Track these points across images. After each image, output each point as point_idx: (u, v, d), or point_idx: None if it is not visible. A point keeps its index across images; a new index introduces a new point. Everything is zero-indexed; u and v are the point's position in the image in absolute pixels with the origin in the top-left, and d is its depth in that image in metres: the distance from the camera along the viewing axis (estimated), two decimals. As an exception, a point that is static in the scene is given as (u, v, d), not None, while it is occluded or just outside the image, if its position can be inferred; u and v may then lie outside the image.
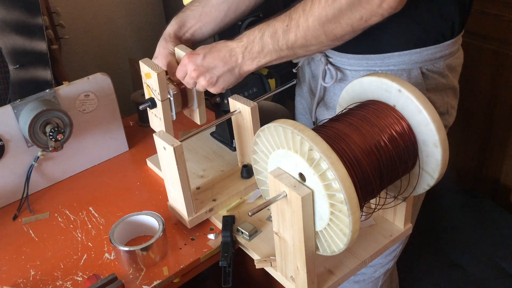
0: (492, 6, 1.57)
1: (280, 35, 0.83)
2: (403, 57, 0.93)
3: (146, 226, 0.95)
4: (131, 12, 1.76)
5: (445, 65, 0.96)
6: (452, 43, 0.95)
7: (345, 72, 1.00)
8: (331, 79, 1.01)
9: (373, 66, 0.96)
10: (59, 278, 0.90)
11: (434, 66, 0.95)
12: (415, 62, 0.94)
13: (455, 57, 0.98)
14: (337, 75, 1.00)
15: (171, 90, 0.98)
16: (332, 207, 0.65)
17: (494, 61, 1.63)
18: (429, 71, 0.95)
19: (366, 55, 0.96)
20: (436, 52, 0.94)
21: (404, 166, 0.75)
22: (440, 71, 0.96)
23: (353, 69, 0.98)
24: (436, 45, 0.93)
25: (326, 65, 1.01)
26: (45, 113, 1.03)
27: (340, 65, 1.00)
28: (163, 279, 0.88)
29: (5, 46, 1.13)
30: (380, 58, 0.95)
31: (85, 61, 1.72)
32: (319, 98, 1.07)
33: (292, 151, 0.68)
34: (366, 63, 0.96)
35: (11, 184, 1.09)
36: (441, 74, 0.96)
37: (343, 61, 0.99)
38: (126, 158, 1.24)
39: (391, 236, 0.89)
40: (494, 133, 1.73)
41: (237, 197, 1.02)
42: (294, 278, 0.79)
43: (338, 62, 1.00)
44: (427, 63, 0.94)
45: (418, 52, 0.93)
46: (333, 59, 1.01)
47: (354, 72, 0.98)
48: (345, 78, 1.00)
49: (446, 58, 0.95)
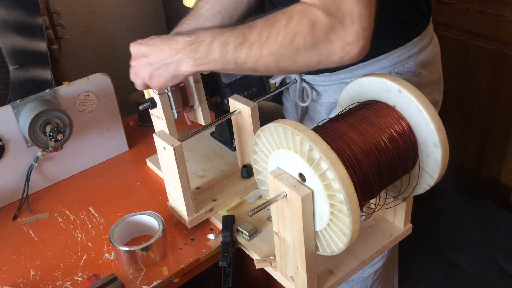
0: (492, 6, 1.57)
1: (230, 49, 0.75)
2: (370, 66, 0.94)
3: (146, 226, 0.95)
4: (131, 12, 1.76)
5: (416, 63, 0.95)
6: (418, 40, 0.94)
7: (318, 90, 1.02)
8: (307, 98, 1.02)
9: (343, 79, 0.98)
10: (59, 278, 0.90)
11: (405, 67, 0.94)
12: (383, 68, 0.94)
13: (426, 51, 0.96)
14: (312, 93, 1.02)
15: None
16: (332, 207, 0.65)
17: (494, 61, 1.63)
18: (399, 73, 0.94)
19: (334, 72, 0.97)
20: (403, 53, 0.93)
21: (404, 166, 0.75)
22: (412, 70, 0.95)
23: (325, 84, 1.01)
24: (401, 47, 0.92)
25: (301, 83, 1.02)
26: (45, 113, 1.03)
27: (313, 83, 1.02)
28: (163, 279, 0.88)
29: (5, 46, 1.13)
30: (349, 71, 0.96)
31: (85, 61, 1.72)
32: (302, 113, 1.09)
33: (292, 151, 0.68)
34: (336, 77, 0.98)
35: (11, 184, 1.09)
36: (413, 74, 0.95)
37: (315, 79, 1.02)
38: (126, 158, 1.24)
39: (391, 236, 0.89)
40: (494, 133, 1.73)
41: (237, 197, 1.02)
42: (294, 278, 0.79)
43: (311, 80, 1.02)
44: (396, 66, 0.94)
45: (384, 58, 0.93)
46: (305, 77, 1.03)
47: (327, 87, 1.01)
48: (319, 96, 1.03)
49: (416, 56, 0.95)
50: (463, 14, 1.65)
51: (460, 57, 1.70)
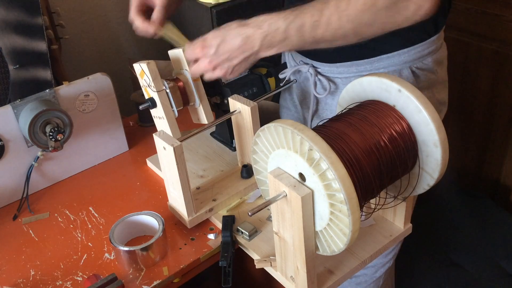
0: (492, 6, 1.57)
1: (307, 29, 0.79)
2: (392, 59, 0.94)
3: (146, 226, 0.95)
4: (131, 12, 1.76)
5: (433, 60, 0.97)
6: (437, 39, 0.95)
7: (335, 81, 1.00)
8: (323, 90, 1.00)
9: (362, 71, 0.96)
10: (59, 278, 0.90)
11: (423, 63, 0.96)
12: (404, 62, 0.94)
13: (441, 51, 0.99)
14: (330, 86, 0.99)
15: (165, 82, 0.98)
16: (332, 207, 0.65)
17: (494, 61, 1.63)
18: (419, 69, 0.95)
19: (354, 62, 0.96)
20: (424, 49, 0.94)
21: (404, 166, 0.75)
22: (430, 67, 0.96)
23: (343, 76, 0.99)
24: (422, 43, 0.94)
25: (316, 76, 1.00)
26: (45, 113, 1.03)
27: (329, 75, 1.00)
28: (163, 279, 0.88)
29: (5, 46, 1.13)
30: (369, 63, 0.95)
31: (85, 61, 1.72)
32: (313, 111, 1.07)
33: (292, 151, 0.68)
34: (356, 69, 0.97)
35: (11, 184, 1.09)
36: (430, 70, 0.97)
37: (332, 70, 0.99)
38: (126, 158, 1.24)
39: (391, 236, 0.89)
40: (494, 133, 1.73)
41: (237, 197, 1.02)
42: (294, 278, 0.79)
43: (327, 72, 1.00)
44: (416, 62, 0.95)
45: (406, 52, 0.93)
46: (321, 69, 1.01)
47: (345, 79, 0.99)
48: (336, 88, 1.01)
49: (433, 54, 0.96)
50: (463, 14, 1.65)
51: (460, 57, 1.70)
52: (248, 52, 0.85)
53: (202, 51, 0.88)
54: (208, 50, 0.87)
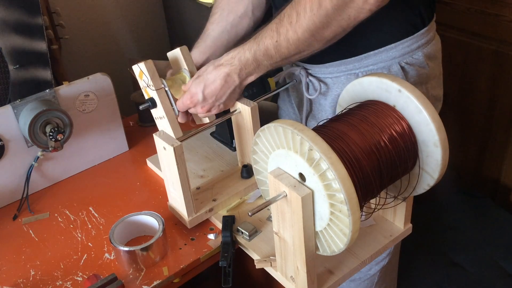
0: (492, 6, 1.57)
1: (272, 52, 0.84)
2: (379, 55, 0.94)
3: (146, 226, 0.95)
4: (131, 12, 1.76)
5: (424, 54, 0.96)
6: (426, 32, 0.95)
7: (326, 82, 1.01)
8: (314, 91, 1.02)
9: (352, 70, 0.97)
10: (59, 278, 0.90)
11: (413, 58, 0.95)
12: (393, 57, 0.94)
13: (432, 44, 0.98)
14: (321, 86, 1.01)
15: (164, 81, 0.98)
16: (332, 207, 0.65)
17: (494, 61, 1.63)
18: (408, 64, 0.95)
19: (342, 60, 0.96)
20: (412, 43, 0.94)
21: (404, 166, 0.75)
22: (421, 61, 0.96)
23: (333, 76, 0.99)
24: (410, 37, 0.93)
25: (307, 77, 1.01)
26: (45, 113, 1.03)
27: (320, 75, 1.01)
28: (163, 279, 0.88)
29: (5, 46, 1.13)
30: (357, 61, 0.95)
31: (85, 61, 1.72)
32: (307, 112, 1.07)
33: (292, 151, 0.68)
34: (345, 67, 0.97)
35: (11, 184, 1.09)
36: (421, 65, 0.96)
37: (322, 71, 1.00)
38: (126, 158, 1.24)
39: (391, 236, 0.89)
40: (494, 133, 1.73)
41: (237, 197, 1.02)
42: (294, 278, 0.79)
43: (317, 73, 1.01)
44: (405, 57, 0.95)
45: (394, 47, 0.93)
46: (312, 71, 1.02)
47: (336, 79, 0.99)
48: (328, 88, 1.01)
49: (423, 47, 0.96)
50: (463, 14, 1.65)
51: (460, 57, 1.70)
52: (231, 87, 0.91)
53: (191, 101, 0.94)
54: (196, 98, 0.93)
